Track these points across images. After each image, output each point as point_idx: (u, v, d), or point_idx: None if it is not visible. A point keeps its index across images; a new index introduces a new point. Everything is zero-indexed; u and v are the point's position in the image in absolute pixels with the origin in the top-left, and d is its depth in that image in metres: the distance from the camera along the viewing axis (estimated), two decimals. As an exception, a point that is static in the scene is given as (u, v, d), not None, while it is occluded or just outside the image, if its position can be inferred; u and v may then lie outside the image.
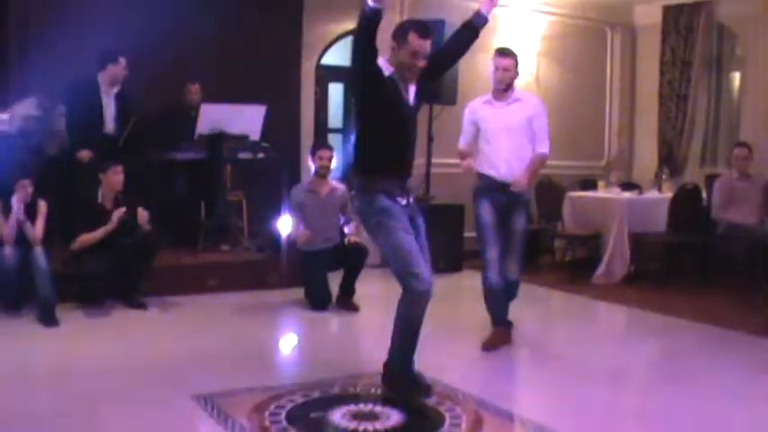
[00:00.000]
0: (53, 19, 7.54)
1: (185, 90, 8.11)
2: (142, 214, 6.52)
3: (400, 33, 4.30)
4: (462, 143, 5.68)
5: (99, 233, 6.41)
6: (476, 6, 4.66)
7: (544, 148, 5.49)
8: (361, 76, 4.30)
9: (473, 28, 4.62)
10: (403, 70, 4.33)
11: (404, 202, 4.42)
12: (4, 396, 4.43)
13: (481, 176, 5.53)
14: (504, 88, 5.49)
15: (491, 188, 5.47)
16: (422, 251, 4.41)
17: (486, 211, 5.48)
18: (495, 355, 5.12)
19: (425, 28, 4.32)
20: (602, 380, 5.11)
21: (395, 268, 4.36)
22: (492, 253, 5.44)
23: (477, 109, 5.60)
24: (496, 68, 5.45)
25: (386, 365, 4.53)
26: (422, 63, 4.34)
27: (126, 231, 6.50)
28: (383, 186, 4.36)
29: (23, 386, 4.72)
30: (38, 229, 6.23)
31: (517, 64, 5.53)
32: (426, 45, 4.29)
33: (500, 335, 5.60)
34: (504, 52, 5.51)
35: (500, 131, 5.45)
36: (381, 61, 4.32)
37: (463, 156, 5.58)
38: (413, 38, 4.25)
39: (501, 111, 5.49)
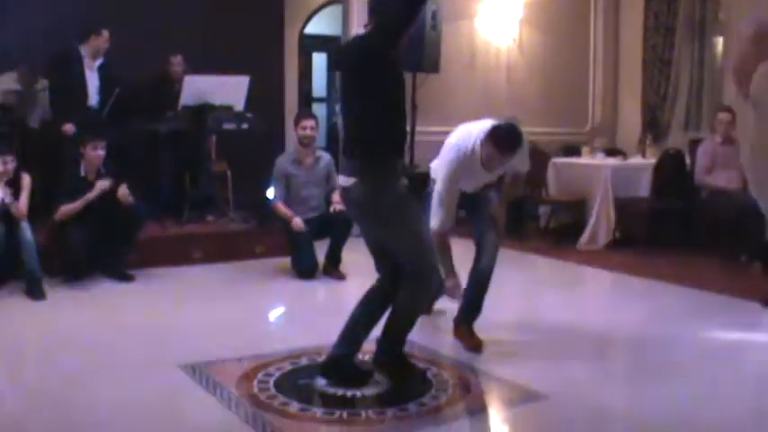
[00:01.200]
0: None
1: (168, 62, 8.06)
2: (123, 192, 6.50)
3: None
4: (441, 224, 4.82)
5: (80, 203, 6.39)
6: None
7: (524, 168, 5.17)
8: (395, 43, 3.85)
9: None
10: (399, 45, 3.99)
11: (405, 182, 4.10)
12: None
13: None
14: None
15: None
16: None
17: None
18: (482, 321, 5.14)
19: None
20: (589, 344, 5.15)
21: (416, 258, 4.00)
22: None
23: (465, 167, 4.79)
24: (491, 159, 4.69)
25: (384, 352, 4.24)
26: None
27: (109, 204, 6.48)
28: (396, 167, 4.02)
29: (11, 359, 4.73)
30: (22, 203, 6.19)
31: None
32: None
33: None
34: (509, 147, 4.65)
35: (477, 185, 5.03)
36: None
37: (442, 237, 4.83)
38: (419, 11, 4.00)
39: (481, 173, 4.88)
